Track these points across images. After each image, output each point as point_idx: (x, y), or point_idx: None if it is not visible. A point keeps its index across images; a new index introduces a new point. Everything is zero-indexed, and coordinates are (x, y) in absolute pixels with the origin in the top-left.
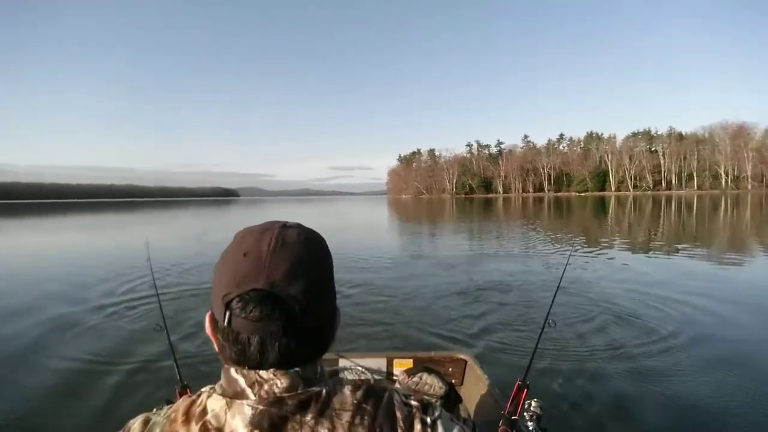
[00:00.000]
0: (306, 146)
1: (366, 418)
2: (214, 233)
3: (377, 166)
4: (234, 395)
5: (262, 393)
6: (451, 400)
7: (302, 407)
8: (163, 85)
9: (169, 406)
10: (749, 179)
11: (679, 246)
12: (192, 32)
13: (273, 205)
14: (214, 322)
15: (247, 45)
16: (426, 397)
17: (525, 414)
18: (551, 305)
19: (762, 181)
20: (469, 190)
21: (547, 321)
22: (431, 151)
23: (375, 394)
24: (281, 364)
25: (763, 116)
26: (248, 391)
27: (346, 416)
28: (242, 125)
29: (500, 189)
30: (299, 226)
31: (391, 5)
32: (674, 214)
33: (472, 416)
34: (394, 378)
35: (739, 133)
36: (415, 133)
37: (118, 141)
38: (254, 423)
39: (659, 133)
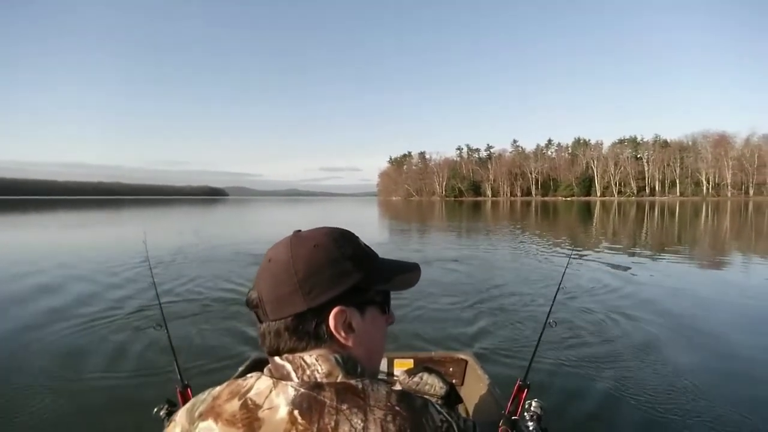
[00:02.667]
0: (295, 147)
1: (398, 419)
2: (210, 228)
3: (367, 167)
4: (281, 377)
5: (305, 377)
6: (452, 400)
7: (339, 395)
8: (150, 82)
9: (212, 390)
10: (729, 187)
11: (670, 250)
12: (184, 30)
13: (262, 205)
14: None
15: (236, 43)
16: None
17: (525, 414)
18: (552, 305)
19: (741, 189)
20: (459, 193)
21: (548, 321)
22: (422, 154)
23: (410, 399)
24: (272, 353)
25: (743, 126)
26: (293, 374)
27: (380, 413)
28: (230, 124)
29: (489, 192)
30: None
31: (381, 5)
32: (658, 219)
33: (472, 416)
34: (395, 378)
35: (720, 142)
36: (405, 136)
37: (104, 138)
38: (295, 403)
39: (645, 140)
